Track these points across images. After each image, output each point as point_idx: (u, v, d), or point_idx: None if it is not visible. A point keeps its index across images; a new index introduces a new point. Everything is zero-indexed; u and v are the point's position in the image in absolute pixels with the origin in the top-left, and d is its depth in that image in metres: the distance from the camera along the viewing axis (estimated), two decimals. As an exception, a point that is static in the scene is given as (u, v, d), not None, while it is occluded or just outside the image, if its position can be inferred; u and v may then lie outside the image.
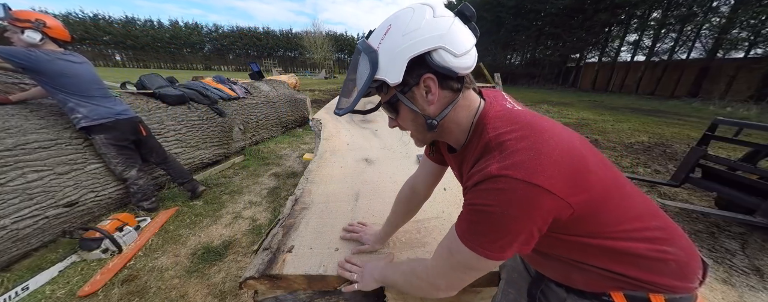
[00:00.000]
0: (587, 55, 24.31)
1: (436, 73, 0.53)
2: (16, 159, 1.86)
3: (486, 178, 0.48)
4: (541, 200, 0.45)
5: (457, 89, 0.57)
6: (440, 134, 0.64)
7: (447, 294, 0.64)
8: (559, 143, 0.49)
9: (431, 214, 1.21)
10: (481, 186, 0.49)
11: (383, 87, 0.57)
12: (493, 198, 0.47)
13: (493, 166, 0.48)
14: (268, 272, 0.88)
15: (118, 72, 24.96)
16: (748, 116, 9.52)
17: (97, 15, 38.28)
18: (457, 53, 0.52)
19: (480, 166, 0.52)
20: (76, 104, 2.06)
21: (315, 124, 2.77)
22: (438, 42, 0.51)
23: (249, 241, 2.18)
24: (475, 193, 0.51)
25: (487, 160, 0.51)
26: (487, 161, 0.51)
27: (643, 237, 0.54)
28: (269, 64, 36.22)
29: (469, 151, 0.60)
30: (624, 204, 0.54)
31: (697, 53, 17.41)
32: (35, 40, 1.91)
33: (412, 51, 0.51)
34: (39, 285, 1.70)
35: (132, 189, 2.39)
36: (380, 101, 0.64)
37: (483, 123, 0.57)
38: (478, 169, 0.51)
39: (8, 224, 1.76)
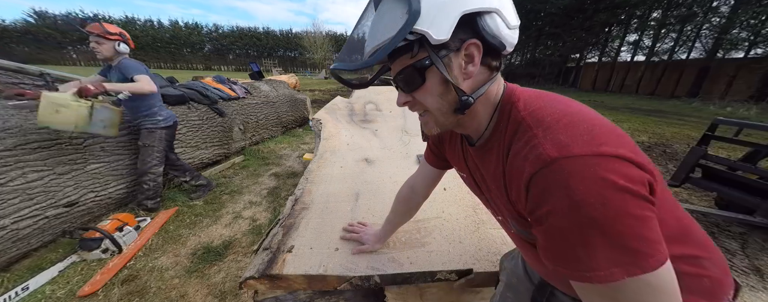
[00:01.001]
0: (587, 55, 24.30)
1: (483, 41, 0.44)
2: (16, 159, 1.86)
3: (542, 166, 0.38)
4: (627, 170, 0.36)
5: (495, 67, 0.49)
6: (462, 121, 0.53)
7: None
8: (605, 120, 0.42)
9: (431, 214, 1.21)
10: (542, 183, 0.38)
11: (413, 46, 0.44)
12: (575, 193, 0.35)
13: (544, 149, 0.38)
14: (268, 272, 0.88)
15: (118, 72, 24.90)
16: (748, 116, 9.52)
17: (97, 15, 38.30)
18: (511, 24, 0.45)
19: (521, 151, 0.43)
20: (159, 108, 2.41)
21: (315, 124, 2.77)
22: (496, 4, 0.42)
23: (249, 241, 2.18)
24: (542, 198, 0.38)
25: (527, 143, 0.42)
26: (528, 145, 0.42)
27: (683, 250, 0.45)
28: (269, 64, 36.21)
29: (495, 139, 0.51)
30: (667, 206, 0.45)
31: (697, 53, 17.41)
32: (127, 52, 2.17)
33: (468, 5, 0.41)
34: (39, 285, 1.70)
35: (147, 185, 2.45)
36: (381, 70, 0.54)
37: (511, 102, 0.49)
38: (521, 157, 0.42)
39: (8, 224, 1.76)
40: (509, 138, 0.47)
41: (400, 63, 0.47)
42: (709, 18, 16.01)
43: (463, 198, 1.34)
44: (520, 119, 0.46)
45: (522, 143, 0.43)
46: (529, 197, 0.41)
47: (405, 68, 0.47)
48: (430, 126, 0.54)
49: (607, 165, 0.35)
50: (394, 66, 0.49)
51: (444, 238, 1.06)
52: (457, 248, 1.00)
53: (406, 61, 0.47)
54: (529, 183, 0.40)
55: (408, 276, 0.90)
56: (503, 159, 0.48)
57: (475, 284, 0.91)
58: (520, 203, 0.44)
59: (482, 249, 1.00)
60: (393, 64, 0.49)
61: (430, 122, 0.53)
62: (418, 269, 0.91)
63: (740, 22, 14.40)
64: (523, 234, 0.54)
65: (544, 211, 0.38)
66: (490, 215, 1.19)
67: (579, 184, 0.35)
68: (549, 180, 0.38)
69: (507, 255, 0.88)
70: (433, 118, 0.52)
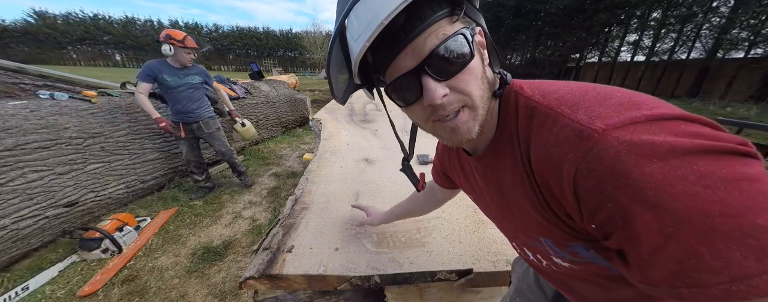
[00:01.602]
0: (587, 55, 24.29)
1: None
2: (16, 159, 1.86)
3: (590, 147, 0.28)
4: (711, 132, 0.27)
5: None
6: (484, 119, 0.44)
7: None
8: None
9: (431, 214, 1.21)
10: (597, 169, 0.28)
11: (455, 4, 0.35)
12: (655, 174, 0.25)
13: (584, 123, 0.30)
14: (268, 272, 0.88)
15: (118, 72, 24.95)
16: (748, 116, 9.51)
17: (97, 15, 38.33)
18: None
19: (548, 138, 0.33)
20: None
21: (315, 124, 2.77)
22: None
23: (249, 241, 2.18)
24: (605, 191, 0.27)
25: (554, 125, 0.33)
26: (556, 126, 0.33)
27: None
28: (269, 64, 36.27)
29: (505, 137, 0.41)
30: None
31: (697, 53, 17.40)
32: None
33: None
34: (39, 285, 1.70)
35: (237, 161, 2.94)
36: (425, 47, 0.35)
37: (512, 90, 0.41)
38: (551, 144, 0.32)
39: (8, 224, 1.76)
40: (525, 130, 0.37)
41: (437, 32, 0.34)
42: (709, 18, 16.00)
43: (463, 198, 1.34)
44: (532, 105, 0.37)
45: (546, 128, 0.34)
46: (583, 195, 0.30)
47: (448, 37, 0.33)
48: (469, 127, 0.39)
49: (679, 128, 0.26)
50: (424, 40, 0.34)
51: (444, 238, 1.06)
52: (457, 248, 1.00)
53: (446, 28, 0.34)
54: (577, 175, 0.29)
55: (408, 276, 0.89)
56: (523, 158, 0.38)
57: (475, 284, 0.91)
58: (569, 206, 0.32)
59: (482, 249, 1.00)
60: (423, 38, 0.34)
61: (470, 121, 0.39)
62: (418, 269, 0.90)
63: (740, 22, 14.38)
64: (580, 258, 0.39)
65: (617, 209, 0.27)
66: (490, 215, 1.19)
67: (654, 158, 0.25)
68: (606, 163, 0.27)
69: (518, 259, 0.83)
70: (474, 112, 0.39)
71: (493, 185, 0.46)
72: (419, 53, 0.34)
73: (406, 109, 0.41)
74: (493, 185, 0.46)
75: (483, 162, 0.47)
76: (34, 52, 33.12)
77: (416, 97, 0.37)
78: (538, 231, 0.41)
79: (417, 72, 0.35)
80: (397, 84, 0.37)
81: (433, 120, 0.39)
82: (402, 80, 0.36)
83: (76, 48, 37.03)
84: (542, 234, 0.41)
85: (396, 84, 0.37)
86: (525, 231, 0.45)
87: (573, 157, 0.30)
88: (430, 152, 1.87)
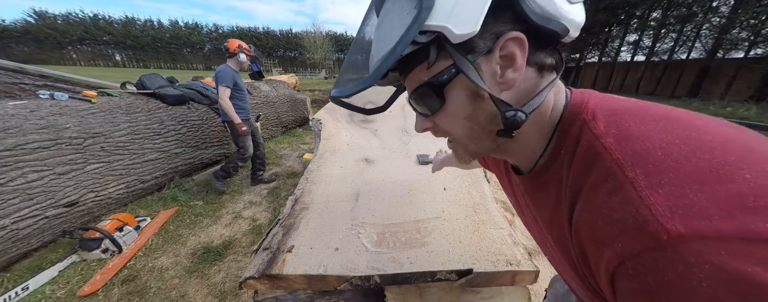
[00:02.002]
0: (587, 55, 24.30)
1: (528, 31, 0.30)
2: (16, 159, 1.86)
3: (651, 248, 0.22)
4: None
5: (549, 66, 0.34)
6: (504, 146, 0.39)
7: None
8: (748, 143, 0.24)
9: (431, 214, 1.21)
10: (650, 280, 0.22)
11: (429, 52, 0.32)
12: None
13: (654, 214, 0.22)
14: (268, 272, 0.88)
15: (118, 72, 24.96)
16: (748, 116, 9.51)
17: (97, 15, 38.36)
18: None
19: (603, 205, 0.26)
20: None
21: (315, 124, 2.77)
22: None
23: (249, 241, 2.18)
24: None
25: (615, 193, 0.25)
26: (617, 196, 0.25)
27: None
28: (269, 64, 36.25)
29: (554, 171, 0.35)
30: None
31: (697, 53, 17.41)
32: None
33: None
34: (39, 285, 1.70)
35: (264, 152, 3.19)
36: (397, 91, 0.45)
37: (580, 118, 0.32)
38: (603, 215, 0.26)
39: (8, 224, 1.76)
40: (577, 178, 0.31)
41: (415, 78, 0.35)
42: (709, 18, 16.01)
43: (463, 198, 1.34)
44: (598, 150, 0.29)
45: (603, 192, 0.27)
46: (623, 292, 0.25)
47: (419, 86, 0.35)
48: (458, 155, 0.41)
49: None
50: (408, 83, 0.37)
51: (444, 238, 1.06)
52: (457, 248, 1.00)
53: (421, 74, 0.34)
54: (619, 271, 0.24)
55: (408, 276, 0.90)
56: (566, 207, 0.32)
57: (475, 284, 0.91)
58: (601, 282, 0.28)
59: (482, 249, 1.00)
60: (407, 81, 0.37)
61: (460, 150, 0.40)
62: (418, 269, 0.90)
63: (740, 22, 14.39)
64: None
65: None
66: (490, 215, 1.19)
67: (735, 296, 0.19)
68: (669, 280, 0.21)
69: (557, 277, 0.85)
70: (463, 146, 0.39)
71: (530, 208, 0.43)
72: (408, 93, 0.38)
73: None
74: (531, 209, 0.43)
75: (527, 185, 0.42)
76: (34, 52, 33.13)
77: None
78: (568, 273, 0.39)
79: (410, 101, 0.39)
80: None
81: None
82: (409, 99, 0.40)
83: (76, 48, 37.05)
84: (570, 277, 0.39)
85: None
86: (556, 262, 0.44)
87: (622, 248, 0.24)
88: (430, 153, 1.87)
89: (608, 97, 0.35)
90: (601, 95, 0.35)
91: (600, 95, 0.35)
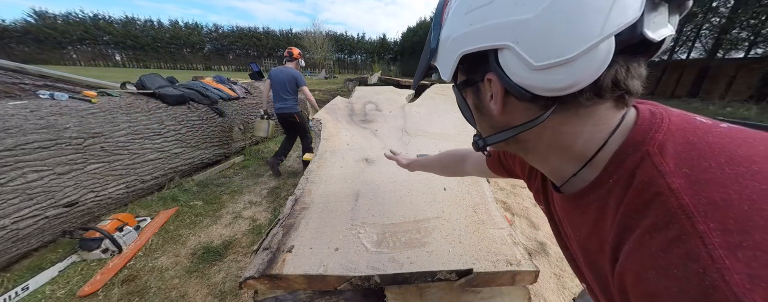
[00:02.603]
0: (587, 55, 24.32)
1: (500, 78, 0.33)
2: (16, 159, 1.86)
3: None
4: None
5: (544, 105, 0.33)
6: (525, 150, 0.41)
7: None
8: None
9: (431, 214, 1.21)
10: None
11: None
12: None
13: (728, 278, 0.19)
14: (268, 272, 0.88)
15: (118, 72, 24.96)
16: (748, 116, 9.50)
17: (97, 15, 38.30)
18: (533, 63, 0.28)
19: (661, 254, 0.23)
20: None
21: (315, 124, 2.76)
22: (509, 37, 0.29)
23: (249, 241, 2.18)
24: None
25: (677, 244, 0.22)
26: (679, 248, 0.22)
27: None
28: (269, 64, 36.25)
29: (597, 195, 0.33)
30: None
31: (697, 53, 17.40)
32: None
33: (465, 45, 0.34)
34: (39, 285, 1.70)
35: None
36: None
37: (641, 151, 0.29)
38: (660, 266, 0.23)
39: (8, 224, 1.76)
40: (632, 213, 0.27)
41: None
42: (709, 18, 16.00)
43: (463, 198, 1.34)
44: (662, 189, 0.25)
45: (664, 240, 0.23)
46: None
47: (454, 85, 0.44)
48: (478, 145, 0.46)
49: None
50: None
51: (444, 238, 1.06)
52: (457, 248, 1.00)
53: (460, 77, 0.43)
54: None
55: (408, 276, 0.90)
56: (611, 241, 0.30)
57: (475, 284, 0.91)
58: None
59: (482, 249, 1.00)
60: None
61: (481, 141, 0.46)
62: (418, 269, 0.90)
63: (740, 22, 14.39)
64: None
65: None
66: (490, 215, 1.19)
67: None
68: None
69: (581, 296, 0.86)
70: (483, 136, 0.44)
71: (568, 226, 0.42)
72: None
73: None
74: (569, 227, 0.42)
75: (561, 202, 0.42)
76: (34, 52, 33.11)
77: None
78: (589, 290, 0.41)
79: None
80: None
81: None
82: None
83: (76, 48, 37.02)
84: (594, 294, 0.39)
85: None
86: (580, 278, 0.45)
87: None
88: (430, 153, 1.87)
89: (690, 122, 0.29)
90: (680, 120, 0.30)
91: (679, 120, 0.29)
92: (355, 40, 49.08)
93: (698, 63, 16.41)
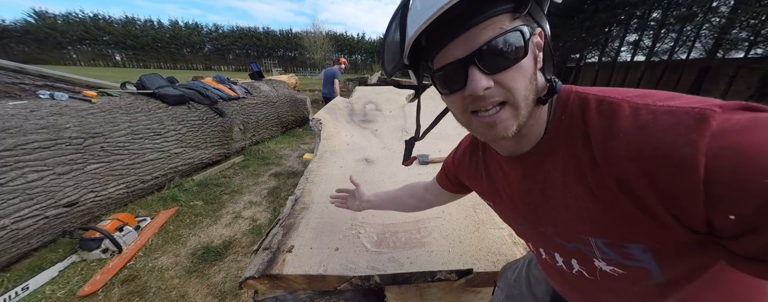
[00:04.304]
0: (587, 55, 24.29)
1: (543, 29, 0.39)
2: (16, 159, 1.86)
3: (714, 131, 0.26)
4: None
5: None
6: (530, 119, 0.41)
7: None
8: None
9: (431, 214, 1.21)
10: (731, 157, 0.25)
11: (519, 7, 0.35)
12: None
13: (685, 108, 0.29)
14: (268, 272, 0.88)
15: (118, 72, 24.97)
16: (748, 116, 9.51)
17: (97, 15, 38.29)
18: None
19: (628, 124, 0.32)
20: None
21: (315, 124, 2.77)
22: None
23: (249, 241, 2.18)
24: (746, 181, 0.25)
25: (633, 114, 0.32)
26: (638, 114, 0.31)
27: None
28: (269, 64, 36.26)
29: (557, 136, 0.40)
30: None
31: (697, 53, 17.39)
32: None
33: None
34: (39, 285, 1.70)
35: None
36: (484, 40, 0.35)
37: (575, 93, 0.39)
38: (637, 130, 0.31)
39: (8, 224, 1.76)
40: (601, 125, 0.34)
41: (493, 25, 0.34)
42: (709, 18, 16.00)
43: (463, 198, 1.34)
44: (591, 99, 0.36)
45: (619, 116, 0.32)
46: (723, 178, 0.25)
47: (506, 32, 0.34)
48: (507, 125, 0.38)
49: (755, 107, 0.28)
50: (473, 32, 0.34)
51: (444, 238, 1.06)
52: (457, 248, 1.00)
53: (504, 22, 0.34)
54: (711, 159, 0.26)
55: (408, 276, 0.90)
56: (590, 153, 0.35)
57: (475, 284, 0.91)
58: (683, 198, 0.28)
59: (482, 249, 1.00)
60: (479, 29, 0.34)
61: (509, 119, 0.38)
62: (418, 269, 0.91)
63: (740, 22, 14.39)
64: (630, 261, 0.37)
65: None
66: (490, 215, 1.19)
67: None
68: (752, 139, 0.25)
69: (510, 266, 0.83)
70: (515, 111, 0.38)
71: (536, 185, 0.44)
72: (471, 44, 0.35)
73: (447, 98, 0.42)
74: (538, 185, 0.44)
75: (526, 163, 0.44)
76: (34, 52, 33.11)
77: (460, 86, 0.37)
78: (592, 231, 0.38)
79: (466, 62, 0.35)
80: (444, 71, 0.38)
81: (471, 111, 0.39)
82: (449, 67, 0.37)
83: (76, 48, 37.02)
84: (596, 233, 0.38)
85: (443, 71, 0.38)
86: (570, 233, 0.42)
87: (696, 136, 0.27)
88: (430, 153, 1.87)
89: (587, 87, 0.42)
90: (581, 86, 0.42)
91: (580, 86, 0.42)
92: (354, 40, 49.09)
93: (698, 63, 16.40)
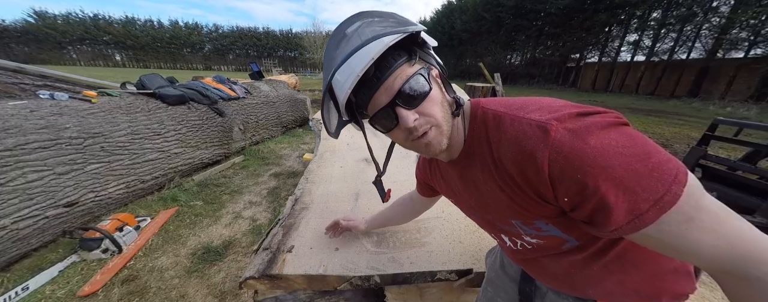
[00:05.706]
0: (587, 55, 24.29)
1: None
2: (16, 159, 1.86)
3: (551, 136, 0.38)
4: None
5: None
6: (452, 131, 0.52)
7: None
8: None
9: (431, 214, 1.21)
10: (565, 151, 0.37)
11: (414, 52, 0.47)
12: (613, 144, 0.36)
13: (537, 119, 0.40)
14: (268, 272, 0.88)
15: (118, 72, 24.97)
16: (748, 116, 9.51)
17: (97, 15, 38.31)
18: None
19: (506, 134, 0.43)
20: None
21: (315, 124, 2.77)
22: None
23: (249, 241, 2.17)
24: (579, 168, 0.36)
25: (511, 124, 0.43)
26: (513, 125, 0.43)
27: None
28: (269, 64, 36.28)
29: (474, 143, 0.51)
30: None
31: (697, 53, 17.40)
32: None
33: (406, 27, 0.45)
34: (39, 285, 1.70)
35: None
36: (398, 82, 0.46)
37: (477, 106, 0.51)
38: (510, 138, 0.43)
39: (8, 224, 1.76)
40: (495, 133, 0.46)
41: (399, 75, 0.44)
42: (709, 18, 16.01)
43: (463, 198, 1.35)
44: (489, 114, 0.48)
45: (504, 127, 0.44)
46: (557, 174, 0.38)
47: (411, 77, 0.44)
48: (439, 140, 0.49)
49: (592, 117, 0.39)
50: (393, 81, 0.44)
51: (444, 238, 1.06)
52: (457, 248, 1.00)
53: (407, 70, 0.45)
54: (551, 159, 0.38)
55: (408, 276, 0.90)
56: (494, 155, 0.46)
57: (475, 284, 0.91)
58: (542, 185, 0.40)
59: (482, 249, 1.00)
60: (391, 80, 0.44)
61: (438, 136, 0.48)
62: (418, 269, 0.91)
63: (740, 22, 14.40)
64: (542, 232, 0.51)
65: (596, 181, 0.35)
66: (490, 215, 1.19)
67: (588, 135, 0.37)
68: (572, 146, 0.36)
69: (490, 252, 0.90)
70: (440, 129, 0.48)
71: (470, 183, 0.56)
72: (390, 92, 0.45)
73: (389, 134, 0.51)
74: (471, 183, 0.56)
75: (459, 166, 0.56)
76: (34, 52, 33.13)
77: (394, 124, 0.47)
78: (510, 214, 0.52)
79: (391, 105, 0.45)
80: (378, 116, 0.47)
81: (412, 139, 0.49)
82: (381, 112, 0.46)
83: (76, 48, 37.05)
84: (513, 216, 0.52)
85: (377, 116, 0.47)
86: (500, 217, 0.55)
87: (534, 145, 0.39)
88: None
89: (485, 98, 0.53)
90: (485, 98, 0.53)
91: (485, 98, 0.53)
92: (355, 40, 48.98)
93: (698, 63, 16.39)
